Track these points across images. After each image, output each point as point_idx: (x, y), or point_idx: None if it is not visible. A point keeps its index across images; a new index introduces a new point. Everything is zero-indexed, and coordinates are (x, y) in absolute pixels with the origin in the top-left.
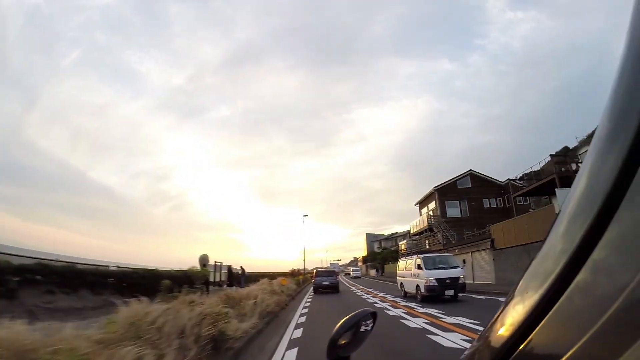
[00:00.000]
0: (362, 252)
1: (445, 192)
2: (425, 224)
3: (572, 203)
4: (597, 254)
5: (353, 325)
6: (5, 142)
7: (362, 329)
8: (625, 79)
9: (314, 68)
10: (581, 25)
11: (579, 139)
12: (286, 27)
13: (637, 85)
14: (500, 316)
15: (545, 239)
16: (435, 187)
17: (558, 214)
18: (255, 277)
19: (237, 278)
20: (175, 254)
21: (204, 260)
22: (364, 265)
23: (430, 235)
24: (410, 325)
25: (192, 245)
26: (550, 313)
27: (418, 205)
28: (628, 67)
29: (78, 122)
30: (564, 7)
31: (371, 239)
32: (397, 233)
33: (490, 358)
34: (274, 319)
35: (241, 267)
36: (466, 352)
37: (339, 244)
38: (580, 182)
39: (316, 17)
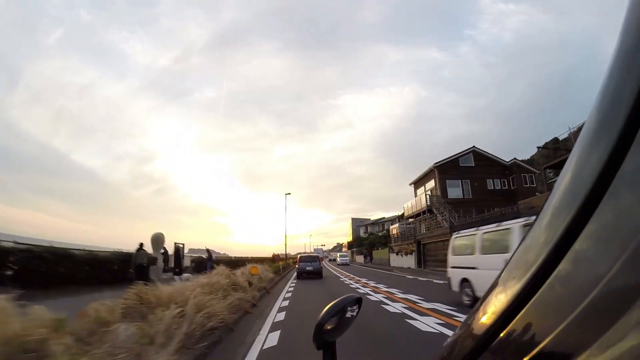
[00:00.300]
0: (346, 238)
1: (446, 170)
2: (424, 204)
3: (556, 196)
4: (579, 245)
5: (339, 311)
6: None
7: (348, 314)
8: (615, 75)
9: (302, 52)
10: (572, 22)
11: (572, 129)
12: (274, 8)
13: (626, 82)
14: (482, 305)
15: (528, 231)
16: (435, 163)
17: (542, 206)
18: (232, 263)
19: (202, 264)
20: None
21: (157, 240)
22: (349, 251)
23: (429, 218)
24: None
25: (176, 229)
26: (531, 301)
27: (413, 185)
28: (619, 64)
29: (60, 104)
30: (555, 3)
31: (357, 223)
32: (384, 218)
33: (472, 345)
34: (222, 339)
35: (207, 249)
36: (448, 340)
37: (321, 230)
38: (566, 176)
39: (304, 0)
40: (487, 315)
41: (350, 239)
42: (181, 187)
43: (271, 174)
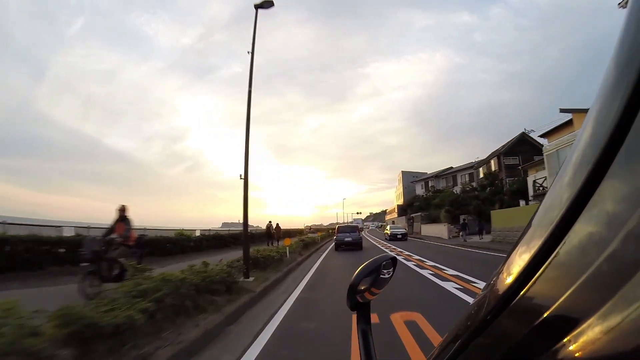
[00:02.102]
0: (384, 205)
1: None
2: None
3: (577, 152)
4: (595, 200)
5: (373, 271)
6: (16, 115)
7: (383, 275)
8: (632, 26)
9: (326, 20)
10: None
11: None
12: None
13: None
14: (506, 265)
15: (549, 188)
16: None
17: (563, 163)
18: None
19: None
20: (195, 214)
21: None
22: (402, 218)
23: None
24: None
25: (212, 204)
26: (548, 260)
27: None
28: (634, 16)
29: (89, 90)
30: None
31: (410, 179)
32: (451, 168)
33: (494, 304)
34: None
35: None
36: (475, 299)
37: (353, 200)
38: (585, 131)
39: None
40: (510, 275)
41: (400, 201)
42: (213, 163)
43: (301, 146)
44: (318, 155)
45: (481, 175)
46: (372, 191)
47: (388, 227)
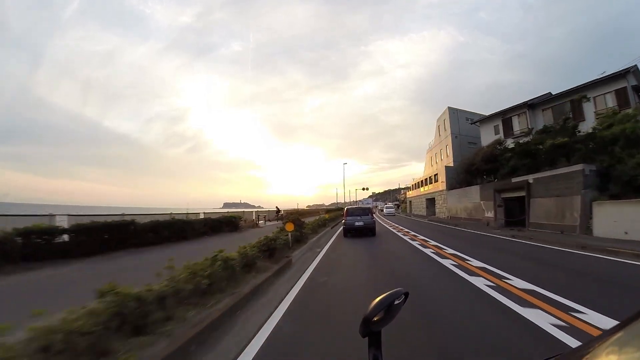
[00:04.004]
0: (386, 185)
1: None
2: None
3: None
4: None
5: (387, 304)
6: (15, 103)
7: (395, 305)
8: None
9: None
10: None
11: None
12: None
13: None
14: (589, 355)
15: None
16: None
17: None
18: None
19: None
20: (195, 195)
21: None
22: (457, 192)
23: None
24: None
25: (213, 185)
26: None
27: None
28: None
29: (86, 74)
30: None
31: (462, 121)
32: (550, 94)
33: None
34: None
35: None
36: None
37: (355, 180)
38: None
39: None
40: None
41: (448, 161)
42: (215, 144)
43: (303, 126)
44: (319, 135)
45: None
46: (373, 171)
47: None
